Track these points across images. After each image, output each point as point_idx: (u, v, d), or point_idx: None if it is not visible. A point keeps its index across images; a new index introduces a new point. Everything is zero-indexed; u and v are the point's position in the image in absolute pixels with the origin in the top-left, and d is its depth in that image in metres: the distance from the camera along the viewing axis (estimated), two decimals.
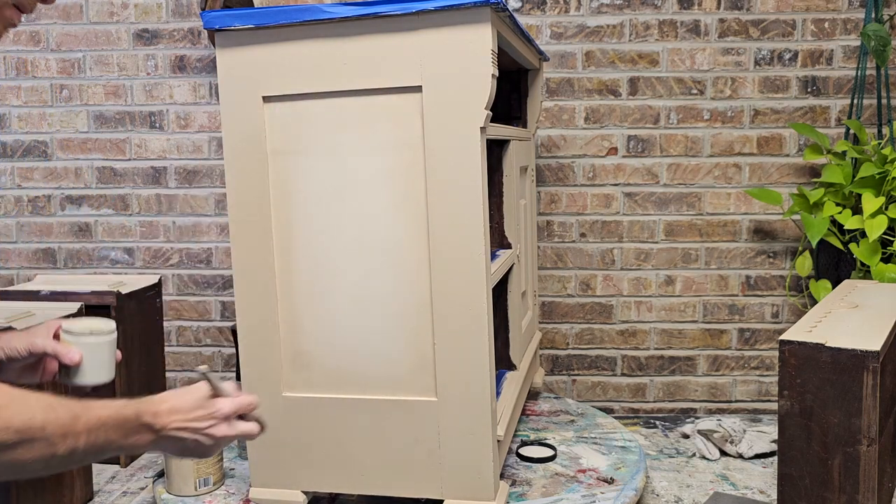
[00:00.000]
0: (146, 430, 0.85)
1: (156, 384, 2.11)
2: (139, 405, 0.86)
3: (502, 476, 1.58)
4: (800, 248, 2.22)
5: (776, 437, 1.42)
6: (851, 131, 2.14)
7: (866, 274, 2.00)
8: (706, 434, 1.99)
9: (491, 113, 1.32)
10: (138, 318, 2.00)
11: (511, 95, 2.04)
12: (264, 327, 1.44)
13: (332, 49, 1.34)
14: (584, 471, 1.68)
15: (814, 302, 2.16)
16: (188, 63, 2.28)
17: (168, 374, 2.36)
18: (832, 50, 2.18)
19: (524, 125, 2.03)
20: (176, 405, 0.89)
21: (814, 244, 2.01)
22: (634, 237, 2.27)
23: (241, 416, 0.93)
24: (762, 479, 1.83)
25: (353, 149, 1.37)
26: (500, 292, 1.71)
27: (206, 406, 0.91)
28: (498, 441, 1.41)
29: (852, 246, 1.98)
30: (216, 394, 0.93)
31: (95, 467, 1.92)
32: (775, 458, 1.91)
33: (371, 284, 1.39)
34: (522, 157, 1.82)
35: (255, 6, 2.23)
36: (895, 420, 1.52)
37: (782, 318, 2.28)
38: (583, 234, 2.28)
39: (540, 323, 2.31)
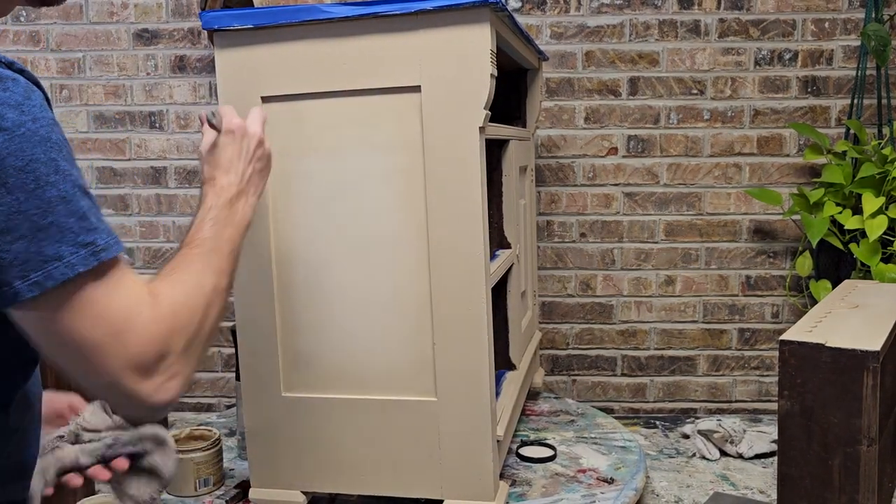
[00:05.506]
0: (239, 198, 0.92)
1: None
2: (209, 193, 0.91)
3: (502, 476, 1.58)
4: (800, 248, 2.22)
5: (776, 438, 1.42)
6: (851, 131, 2.14)
7: (866, 274, 2.00)
8: (706, 434, 1.98)
9: (490, 113, 1.32)
10: None
11: (510, 95, 2.03)
12: (264, 327, 1.44)
13: (331, 49, 1.34)
14: (584, 471, 1.68)
15: (814, 302, 2.16)
16: (188, 63, 2.29)
17: None
18: (832, 50, 2.18)
19: (524, 125, 2.03)
20: (220, 160, 0.95)
21: (814, 244, 2.01)
22: (634, 237, 2.27)
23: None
24: (762, 479, 1.83)
25: (352, 149, 1.37)
26: (499, 292, 1.71)
27: (239, 137, 0.99)
28: (498, 441, 1.41)
29: (852, 246, 1.98)
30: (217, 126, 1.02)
31: None
32: (775, 458, 1.91)
33: (370, 284, 1.39)
34: (522, 156, 1.82)
35: (255, 6, 2.23)
36: (895, 420, 1.52)
37: (782, 319, 2.28)
38: (583, 234, 2.28)
39: (540, 323, 2.31)
